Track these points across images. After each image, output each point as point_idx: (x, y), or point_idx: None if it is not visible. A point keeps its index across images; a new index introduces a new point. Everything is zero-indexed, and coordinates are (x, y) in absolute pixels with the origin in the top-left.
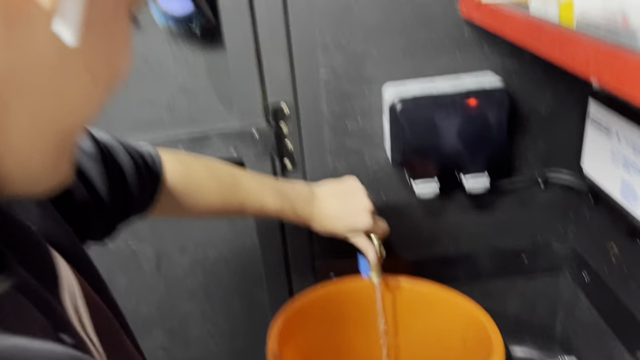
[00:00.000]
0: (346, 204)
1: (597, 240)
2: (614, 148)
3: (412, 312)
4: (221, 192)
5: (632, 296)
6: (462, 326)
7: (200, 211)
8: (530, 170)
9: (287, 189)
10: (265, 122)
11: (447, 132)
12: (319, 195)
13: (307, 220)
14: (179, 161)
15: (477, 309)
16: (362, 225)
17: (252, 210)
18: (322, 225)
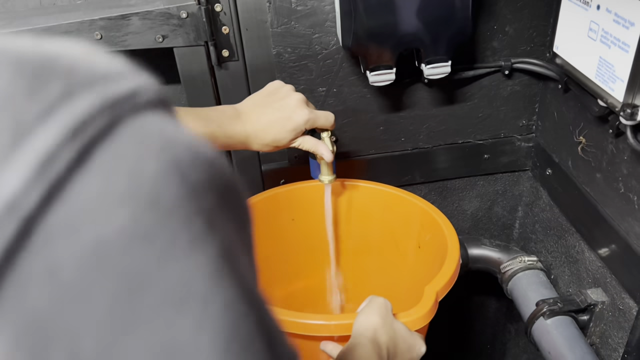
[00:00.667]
0: (276, 107)
1: (563, 132)
2: (592, 21)
3: (367, 215)
4: None
5: (597, 189)
6: (417, 228)
7: None
8: (495, 58)
9: (207, 111)
10: (195, 1)
11: (404, 9)
12: (244, 109)
13: (243, 139)
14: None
15: (433, 211)
16: (302, 120)
17: None
18: (261, 140)
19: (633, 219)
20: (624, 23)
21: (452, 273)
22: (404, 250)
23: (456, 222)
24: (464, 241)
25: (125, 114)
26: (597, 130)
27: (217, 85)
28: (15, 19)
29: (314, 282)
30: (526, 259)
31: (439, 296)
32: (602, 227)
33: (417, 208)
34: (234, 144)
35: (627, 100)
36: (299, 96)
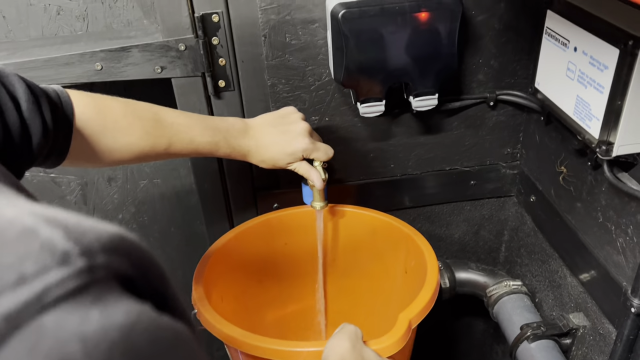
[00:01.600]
0: (282, 129)
1: (545, 162)
2: (569, 62)
3: (356, 240)
4: (143, 128)
5: (577, 217)
6: (404, 254)
7: (121, 154)
8: (481, 89)
9: (217, 122)
10: (193, 34)
11: (394, 45)
12: (253, 125)
13: (244, 153)
14: (90, 97)
15: (418, 237)
16: (300, 148)
17: (180, 147)
18: (260, 156)
19: (611, 247)
20: (599, 66)
21: (427, 301)
22: (393, 275)
23: (444, 245)
24: (452, 265)
25: (22, 321)
26: (577, 161)
27: (213, 114)
28: (18, 50)
29: (307, 306)
30: (511, 284)
31: (412, 323)
32: (582, 254)
33: (403, 234)
34: (234, 155)
35: (602, 137)
36: (305, 125)
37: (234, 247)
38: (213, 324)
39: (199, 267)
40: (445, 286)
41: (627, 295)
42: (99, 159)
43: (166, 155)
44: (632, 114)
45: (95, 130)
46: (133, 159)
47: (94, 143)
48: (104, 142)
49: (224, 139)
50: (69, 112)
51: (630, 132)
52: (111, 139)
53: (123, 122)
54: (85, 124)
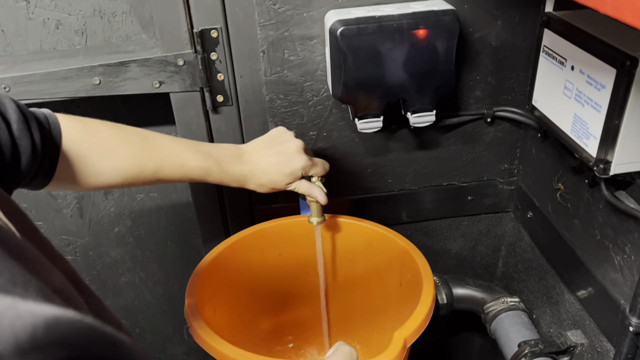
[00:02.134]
0: (276, 150)
1: (543, 178)
2: (567, 80)
3: (352, 250)
4: (130, 151)
5: (574, 234)
6: (399, 266)
7: (107, 177)
8: (478, 106)
9: (209, 147)
10: (192, 50)
11: (392, 62)
12: (246, 150)
13: (240, 178)
14: (78, 120)
15: (413, 251)
16: (299, 166)
17: (169, 171)
18: (258, 180)
19: (609, 265)
20: (596, 85)
21: (422, 319)
22: (388, 287)
23: (441, 260)
24: (449, 280)
25: None
26: (574, 178)
27: (211, 128)
28: (17, 63)
29: (302, 315)
30: (509, 300)
31: (407, 342)
32: (580, 271)
33: (399, 247)
34: (228, 181)
35: (599, 156)
36: (299, 143)
37: (228, 258)
38: (205, 339)
39: (192, 279)
40: (443, 302)
41: (625, 314)
42: (84, 182)
43: (155, 180)
44: (629, 133)
45: (82, 152)
46: (120, 183)
47: (80, 165)
48: (90, 164)
49: (216, 164)
50: (57, 134)
51: (627, 151)
52: (97, 162)
53: (110, 144)
54: (72, 145)
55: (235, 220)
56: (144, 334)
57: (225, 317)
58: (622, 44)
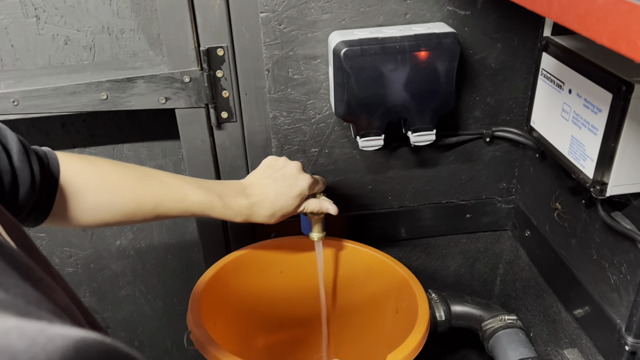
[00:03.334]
0: (277, 177)
1: (540, 197)
2: (564, 103)
3: (350, 274)
4: (128, 186)
5: (572, 254)
6: (396, 293)
7: (105, 213)
8: (477, 126)
9: (211, 183)
10: (198, 67)
11: (393, 82)
12: (249, 183)
13: (245, 212)
14: (76, 156)
15: (411, 279)
16: (304, 185)
17: (170, 206)
18: (266, 210)
19: (605, 285)
20: (593, 109)
21: (414, 345)
22: (384, 313)
23: (440, 277)
24: (447, 298)
25: None
26: (571, 198)
27: (215, 144)
28: (25, 78)
29: (299, 335)
30: (506, 318)
31: None
32: (577, 290)
33: (397, 274)
34: (232, 215)
35: (596, 177)
36: (297, 164)
37: (230, 272)
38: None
39: (195, 289)
40: (441, 319)
41: (621, 333)
42: (82, 218)
43: (154, 216)
44: (625, 156)
45: (80, 187)
46: (118, 219)
47: (78, 200)
48: (88, 200)
49: (219, 198)
50: (55, 169)
51: (623, 173)
52: (95, 197)
53: (108, 179)
54: (69, 180)
55: (236, 234)
56: (143, 347)
57: (224, 330)
58: (618, 69)
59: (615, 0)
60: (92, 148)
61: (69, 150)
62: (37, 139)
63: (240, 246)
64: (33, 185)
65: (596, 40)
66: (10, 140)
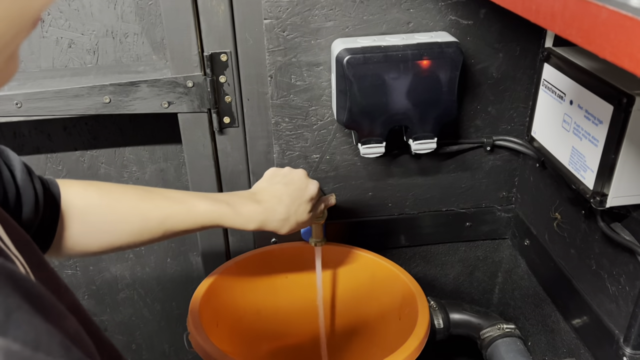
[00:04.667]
0: (285, 181)
1: (540, 207)
2: (565, 114)
3: (355, 281)
4: (133, 202)
5: (571, 264)
6: (399, 300)
7: (112, 235)
8: (478, 134)
9: (216, 194)
10: (202, 72)
11: (395, 91)
12: (258, 189)
13: (258, 217)
14: (75, 180)
15: (414, 286)
16: (314, 188)
17: (178, 219)
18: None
19: (604, 295)
20: (594, 120)
21: (409, 353)
22: (387, 319)
23: (439, 285)
24: (446, 305)
25: None
26: (571, 209)
27: (217, 148)
28: (29, 80)
29: (303, 341)
30: (505, 326)
31: None
32: (576, 300)
33: (400, 281)
34: (244, 222)
35: (596, 188)
36: (302, 170)
37: (236, 275)
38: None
39: (198, 289)
40: (440, 327)
41: (619, 344)
42: (87, 242)
43: (162, 232)
44: (625, 168)
45: (81, 209)
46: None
47: (80, 223)
48: (91, 221)
49: (228, 206)
50: (56, 191)
51: (623, 184)
52: (98, 217)
53: (109, 198)
54: (70, 202)
55: (236, 239)
56: (141, 351)
57: (226, 332)
58: (619, 81)
59: (619, 16)
60: (93, 151)
61: (71, 152)
62: (39, 142)
63: (239, 251)
64: (37, 205)
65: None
66: (14, 160)
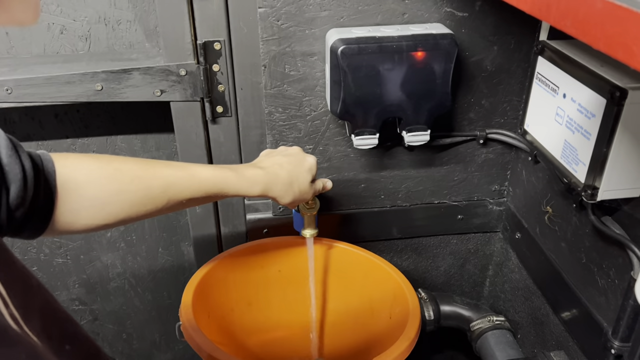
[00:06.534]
0: (284, 154)
1: (532, 200)
2: (558, 107)
3: (347, 278)
4: (134, 172)
5: (561, 257)
6: (390, 299)
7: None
8: (472, 127)
9: (218, 165)
10: (195, 60)
11: (390, 82)
12: (257, 160)
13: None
14: (71, 154)
15: (406, 286)
16: (312, 160)
17: (182, 185)
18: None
19: (594, 289)
20: (587, 114)
21: (399, 352)
22: (378, 318)
23: (430, 277)
24: (437, 297)
25: None
26: (562, 202)
27: (209, 138)
28: (20, 66)
29: (293, 334)
30: (494, 319)
31: None
32: (565, 294)
33: (392, 280)
34: (249, 186)
35: (588, 182)
36: (297, 147)
37: (229, 266)
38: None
39: (191, 280)
40: (430, 318)
41: (607, 337)
42: (89, 217)
43: (166, 201)
44: (617, 161)
45: (80, 182)
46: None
47: (80, 197)
48: (92, 194)
49: (231, 170)
50: (50, 167)
51: (615, 178)
52: (98, 189)
53: (109, 168)
54: (67, 176)
55: (228, 229)
56: (131, 340)
57: (216, 323)
58: (612, 75)
59: (613, 6)
60: (85, 139)
61: (62, 140)
62: (30, 128)
63: (231, 242)
64: (25, 184)
65: (593, 45)
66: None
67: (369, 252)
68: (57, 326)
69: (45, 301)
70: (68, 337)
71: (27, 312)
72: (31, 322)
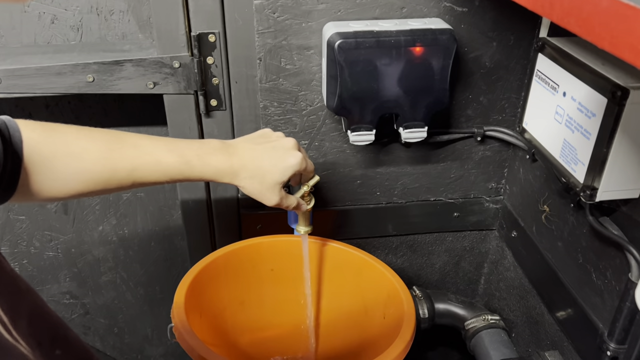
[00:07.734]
0: (269, 146)
1: (529, 199)
2: (558, 105)
3: (341, 277)
4: (99, 152)
5: (558, 257)
6: (384, 299)
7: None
8: (469, 124)
9: (189, 142)
10: (189, 52)
11: (387, 77)
12: (234, 143)
13: (226, 170)
14: (39, 123)
15: (400, 286)
16: (294, 162)
17: (146, 171)
18: (250, 172)
19: (590, 289)
20: (587, 113)
21: (398, 353)
22: (372, 317)
23: (425, 274)
24: (431, 295)
25: None
26: (560, 201)
27: (203, 132)
28: (9, 56)
29: (285, 332)
30: (489, 317)
31: None
32: (561, 293)
33: (386, 279)
34: (212, 174)
35: (587, 182)
36: (292, 140)
37: (221, 265)
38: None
39: (183, 280)
40: (424, 316)
41: (603, 338)
42: (52, 190)
43: (131, 183)
44: (617, 162)
45: (47, 156)
46: (92, 189)
47: (45, 171)
48: (57, 169)
49: (197, 157)
50: (17, 137)
51: (614, 179)
52: (64, 165)
53: (77, 145)
54: (34, 149)
55: (222, 224)
56: (123, 335)
57: (208, 322)
58: (613, 74)
59: (620, 4)
60: None
61: None
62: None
63: (225, 237)
64: None
65: (598, 44)
66: None
67: (362, 251)
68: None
69: (35, 305)
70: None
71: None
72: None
